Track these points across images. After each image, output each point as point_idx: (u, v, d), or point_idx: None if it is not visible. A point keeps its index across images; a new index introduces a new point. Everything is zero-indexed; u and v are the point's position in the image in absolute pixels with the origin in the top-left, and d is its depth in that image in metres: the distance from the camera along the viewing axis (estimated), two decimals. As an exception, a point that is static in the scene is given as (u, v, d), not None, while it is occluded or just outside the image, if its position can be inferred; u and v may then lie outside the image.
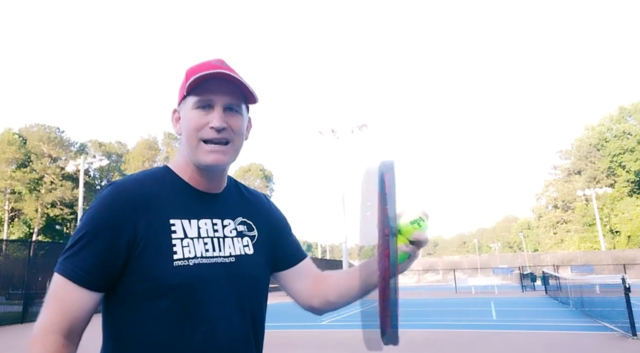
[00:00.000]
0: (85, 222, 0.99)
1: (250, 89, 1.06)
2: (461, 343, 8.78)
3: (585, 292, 13.55)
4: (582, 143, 58.22)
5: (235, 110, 1.07)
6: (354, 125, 26.58)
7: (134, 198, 1.01)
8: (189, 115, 1.06)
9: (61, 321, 0.95)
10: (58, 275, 0.97)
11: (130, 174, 1.10)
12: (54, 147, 48.51)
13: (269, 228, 1.22)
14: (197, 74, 1.02)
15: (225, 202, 1.14)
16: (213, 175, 1.11)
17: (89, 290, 0.96)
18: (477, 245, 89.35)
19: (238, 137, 1.08)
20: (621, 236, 51.54)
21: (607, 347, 7.83)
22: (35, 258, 17.90)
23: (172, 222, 1.02)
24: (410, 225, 0.96)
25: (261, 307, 1.14)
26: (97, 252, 0.96)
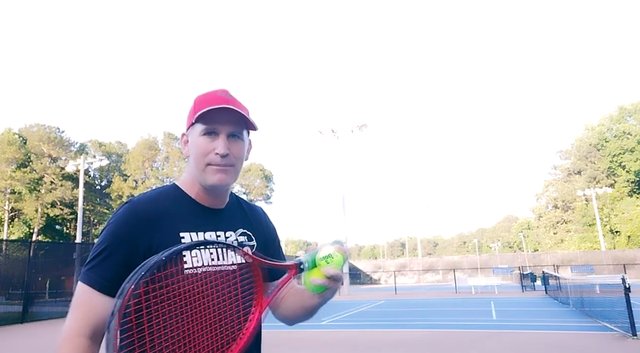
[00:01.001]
0: (106, 236, 1.13)
1: (250, 120, 1.22)
2: (461, 343, 8.78)
3: (585, 292, 13.55)
4: (582, 143, 58.22)
5: (238, 137, 1.22)
6: (354, 125, 26.58)
7: (149, 215, 1.16)
8: (197, 142, 1.21)
9: (86, 325, 1.07)
10: (82, 284, 1.10)
11: (144, 192, 1.26)
12: (54, 147, 48.49)
13: (265, 239, 1.38)
14: (205, 107, 1.17)
15: (227, 216, 1.29)
16: (217, 193, 1.26)
17: (111, 297, 1.03)
18: (477, 245, 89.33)
19: (239, 161, 1.24)
20: (621, 236, 51.55)
21: (607, 347, 7.83)
22: (35, 258, 17.89)
23: (182, 235, 1.17)
24: (321, 260, 1.09)
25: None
26: (117, 263, 1.10)
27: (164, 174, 59.79)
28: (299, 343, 9.36)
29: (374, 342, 9.06)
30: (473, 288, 27.32)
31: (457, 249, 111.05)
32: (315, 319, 7.91)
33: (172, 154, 59.73)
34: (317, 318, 12.61)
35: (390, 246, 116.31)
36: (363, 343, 9.03)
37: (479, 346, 8.46)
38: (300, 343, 9.38)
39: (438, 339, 9.33)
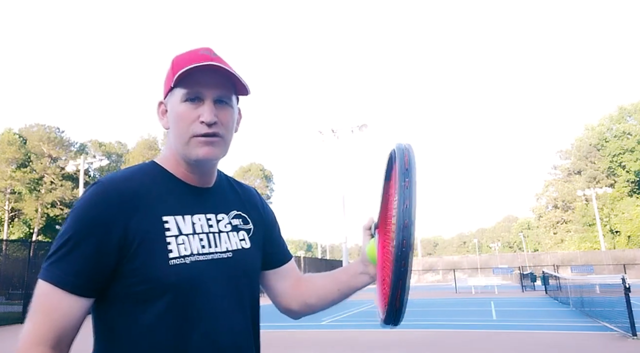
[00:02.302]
0: (71, 223, 0.92)
1: (241, 80, 1.02)
2: (461, 343, 8.78)
3: (585, 292, 13.54)
4: (582, 143, 58.21)
5: (226, 103, 1.03)
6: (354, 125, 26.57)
7: (123, 196, 0.95)
8: (177, 109, 1.01)
9: (48, 332, 0.89)
10: (43, 282, 0.90)
11: (116, 171, 1.04)
12: (54, 147, 48.49)
13: (262, 222, 1.20)
14: (186, 66, 0.97)
15: (217, 196, 1.11)
16: (204, 170, 1.07)
17: (78, 296, 0.90)
18: (477, 245, 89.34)
19: (228, 131, 1.04)
20: (621, 236, 51.54)
21: (607, 347, 7.83)
22: (35, 258, 17.88)
23: (165, 219, 0.98)
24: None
25: (258, 300, 1.12)
26: (85, 254, 0.90)
27: (164, 174, 59.78)
28: (299, 343, 9.36)
29: (374, 342, 9.05)
30: (473, 288, 27.31)
31: (457, 249, 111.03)
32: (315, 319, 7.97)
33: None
34: (317, 318, 12.60)
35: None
36: (363, 343, 9.03)
37: (479, 346, 8.46)
38: (300, 343, 9.38)
39: (438, 339, 9.32)
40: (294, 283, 1.25)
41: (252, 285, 1.10)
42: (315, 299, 1.21)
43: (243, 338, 1.04)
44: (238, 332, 1.03)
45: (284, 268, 1.25)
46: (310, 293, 1.22)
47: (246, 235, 1.12)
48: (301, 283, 1.25)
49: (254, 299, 1.10)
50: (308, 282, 1.25)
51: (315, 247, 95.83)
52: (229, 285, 1.02)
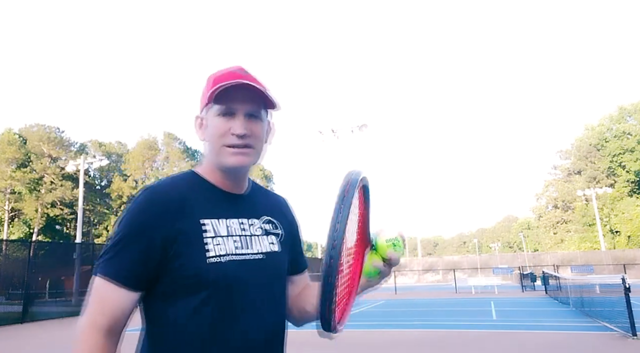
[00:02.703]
0: (123, 226, 1.06)
1: (270, 96, 1.14)
2: (461, 343, 8.78)
3: (585, 292, 13.55)
4: (582, 143, 58.23)
5: (256, 117, 1.14)
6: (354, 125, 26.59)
7: (168, 202, 1.08)
8: (212, 123, 1.13)
9: (102, 319, 1.02)
10: (98, 277, 1.04)
11: (161, 179, 1.18)
12: (54, 147, 48.50)
13: (290, 229, 1.30)
14: (220, 83, 1.09)
15: (249, 202, 1.22)
16: (237, 177, 1.18)
17: (128, 289, 1.03)
18: (477, 245, 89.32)
19: (259, 142, 1.16)
20: (621, 236, 51.56)
21: (607, 347, 7.83)
22: (35, 258, 17.87)
23: (203, 222, 1.09)
24: (385, 243, 1.04)
25: (286, 300, 1.24)
26: (135, 253, 1.03)
27: (164, 174, 59.74)
28: (299, 343, 9.36)
29: (374, 342, 9.06)
30: (473, 288, 27.30)
31: (457, 249, 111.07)
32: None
33: (172, 154, 59.74)
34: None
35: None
36: (363, 343, 9.03)
37: (479, 346, 8.46)
38: (300, 343, 9.38)
39: (438, 339, 9.33)
40: (301, 291, 1.32)
41: (282, 285, 1.21)
42: (311, 307, 1.25)
43: (275, 334, 1.15)
44: (271, 328, 1.13)
45: (297, 276, 1.34)
46: (308, 299, 1.27)
47: (276, 239, 1.22)
48: (305, 291, 1.32)
49: (283, 298, 1.21)
50: (310, 290, 1.31)
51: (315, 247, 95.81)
52: (262, 284, 1.12)
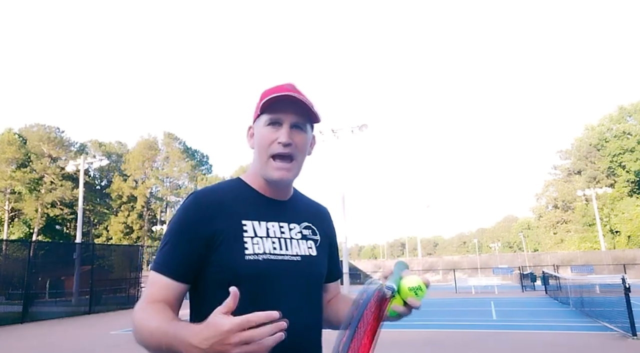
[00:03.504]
0: (172, 226, 1.19)
1: (314, 111, 1.22)
2: (461, 343, 8.79)
3: (585, 292, 13.55)
4: (582, 143, 58.22)
5: (301, 128, 1.22)
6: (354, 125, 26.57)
7: (211, 205, 1.19)
8: (261, 132, 1.22)
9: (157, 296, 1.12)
10: (151, 271, 1.17)
11: (208, 185, 1.28)
12: (54, 147, 48.53)
13: (328, 237, 1.37)
14: (270, 96, 1.18)
15: (291, 209, 1.30)
16: (280, 187, 1.27)
17: (175, 280, 1.13)
18: (477, 245, 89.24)
19: (301, 153, 1.24)
20: (621, 236, 51.54)
21: (607, 347, 7.83)
22: (35, 258, 17.88)
23: (244, 222, 1.18)
24: (409, 291, 1.06)
25: (322, 303, 1.29)
26: (181, 249, 1.15)
27: (164, 173, 59.78)
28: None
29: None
30: (473, 288, 27.30)
31: (457, 249, 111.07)
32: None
33: (172, 154, 59.74)
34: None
35: (390, 246, 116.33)
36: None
37: (479, 346, 8.46)
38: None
39: (438, 339, 9.33)
40: (331, 299, 1.39)
41: (318, 289, 1.26)
42: (335, 318, 1.33)
43: (312, 335, 1.20)
44: (308, 328, 1.18)
45: (331, 284, 1.40)
46: (335, 310, 1.35)
47: (313, 244, 1.28)
48: (334, 300, 1.39)
49: (319, 302, 1.26)
50: (338, 300, 1.39)
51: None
52: (298, 285, 1.18)
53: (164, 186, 60.16)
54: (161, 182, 60.06)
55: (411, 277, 1.08)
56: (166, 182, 60.50)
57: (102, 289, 20.91)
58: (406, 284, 1.06)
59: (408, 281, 1.07)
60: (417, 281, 1.07)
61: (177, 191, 60.59)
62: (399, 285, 1.06)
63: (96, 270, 20.89)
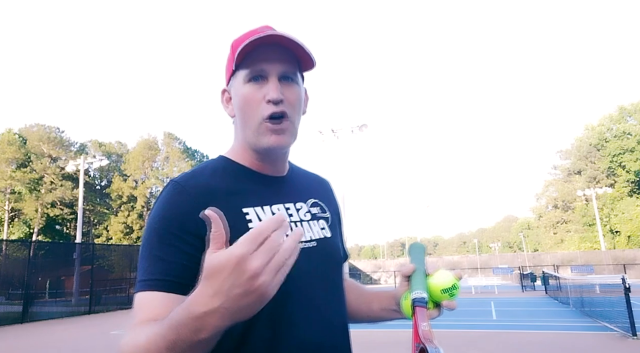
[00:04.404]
0: (151, 227, 0.89)
1: (307, 51, 0.94)
2: (461, 343, 8.78)
3: (585, 292, 13.55)
4: (582, 143, 58.20)
5: (291, 79, 0.96)
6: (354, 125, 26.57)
7: (197, 193, 0.90)
8: (241, 92, 0.95)
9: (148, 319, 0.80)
10: (136, 293, 0.85)
11: (187, 170, 0.99)
12: (54, 147, 48.54)
13: (336, 214, 1.16)
14: (244, 42, 0.90)
15: (292, 185, 1.07)
16: (275, 158, 1.02)
17: (170, 292, 0.83)
18: (477, 245, 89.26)
19: (296, 111, 0.97)
20: (621, 236, 51.53)
21: (607, 347, 7.83)
22: (35, 258, 17.89)
23: (245, 210, 0.93)
24: (442, 294, 0.90)
25: (344, 290, 1.08)
26: (171, 250, 0.85)
27: (164, 173, 59.78)
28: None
29: (373, 342, 9.05)
30: (473, 288, 27.30)
31: (457, 249, 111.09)
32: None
33: (172, 154, 59.76)
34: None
35: (390, 246, 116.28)
36: (363, 343, 9.02)
37: (479, 346, 8.46)
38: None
39: (438, 339, 9.31)
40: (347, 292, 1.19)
41: (339, 274, 1.06)
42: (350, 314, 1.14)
43: (340, 335, 1.00)
44: (335, 328, 0.98)
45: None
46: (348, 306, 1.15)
47: (325, 223, 1.08)
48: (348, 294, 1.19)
49: (343, 290, 1.06)
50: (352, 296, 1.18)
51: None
52: (319, 276, 0.98)
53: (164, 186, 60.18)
54: (161, 182, 60.06)
55: (441, 275, 0.92)
56: (166, 182, 60.53)
57: (102, 289, 20.92)
58: (437, 285, 0.90)
59: (439, 281, 0.91)
60: (449, 279, 0.91)
61: (177, 191, 60.50)
62: (429, 288, 0.90)
63: (96, 270, 20.91)
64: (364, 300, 1.14)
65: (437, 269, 0.93)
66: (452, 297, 0.90)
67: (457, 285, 0.91)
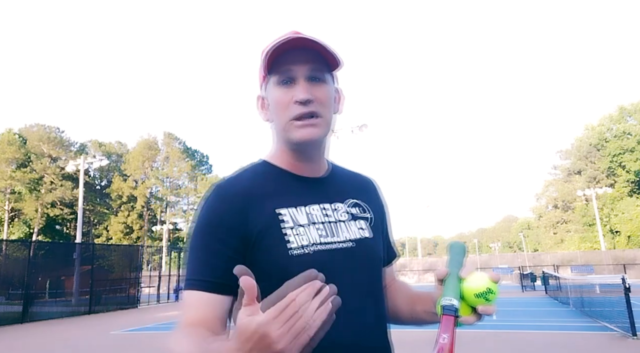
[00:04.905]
0: (197, 230, 0.97)
1: (331, 50, 0.97)
2: (461, 343, 8.72)
3: (585, 292, 13.55)
4: (582, 143, 58.21)
5: (319, 79, 1.00)
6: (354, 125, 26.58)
7: (236, 196, 0.97)
8: (272, 96, 1.01)
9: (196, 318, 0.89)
10: (185, 291, 0.94)
11: (229, 175, 1.06)
12: (54, 147, 48.54)
13: (380, 213, 1.15)
14: (270, 48, 0.96)
15: (331, 185, 1.08)
16: (311, 156, 1.05)
17: (213, 293, 0.91)
18: (477, 245, 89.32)
19: (326, 109, 1.01)
20: (621, 236, 51.54)
21: (607, 347, 7.83)
22: (35, 258, 17.90)
23: (279, 211, 0.97)
24: (477, 299, 0.85)
25: (384, 292, 1.08)
26: (214, 253, 0.93)
27: (164, 173, 59.79)
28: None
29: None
30: (473, 288, 27.28)
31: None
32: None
33: (172, 154, 59.75)
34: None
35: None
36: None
37: (478, 346, 8.46)
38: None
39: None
40: (387, 285, 1.17)
41: (378, 276, 1.05)
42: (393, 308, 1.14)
43: (377, 337, 0.99)
44: (371, 330, 0.98)
45: (387, 269, 1.18)
46: (389, 300, 1.14)
47: (365, 224, 1.07)
48: (389, 289, 1.18)
49: (382, 292, 1.06)
50: (393, 291, 1.17)
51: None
52: (356, 277, 0.98)
53: (164, 186, 60.15)
54: (161, 182, 60.08)
55: (476, 278, 0.86)
56: (166, 182, 60.52)
57: (102, 289, 20.91)
58: (472, 289, 0.85)
59: (473, 284, 0.85)
60: (485, 282, 0.85)
61: (177, 191, 60.61)
62: (462, 292, 0.86)
63: (96, 270, 20.91)
64: (409, 301, 1.12)
65: (471, 272, 0.88)
66: (488, 301, 0.85)
67: (492, 289, 0.85)
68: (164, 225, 55.13)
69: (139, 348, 9.51)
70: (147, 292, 27.64)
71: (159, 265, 46.74)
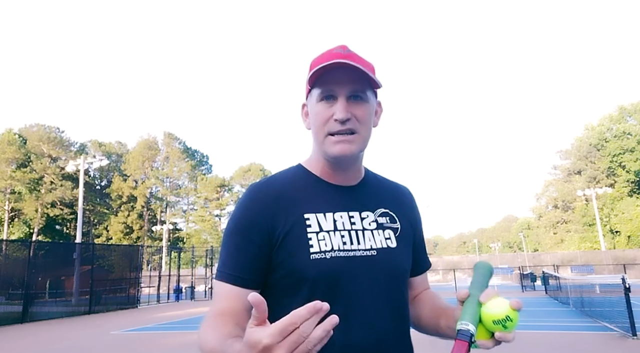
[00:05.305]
0: (229, 227, 1.05)
1: (369, 75, 1.02)
2: (461, 343, 8.77)
3: (585, 292, 13.55)
4: (582, 143, 58.23)
5: (360, 98, 1.04)
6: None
7: (268, 198, 1.04)
8: (314, 110, 1.06)
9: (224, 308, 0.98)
10: (218, 282, 1.03)
11: (266, 176, 1.15)
12: (54, 147, 48.55)
13: (412, 224, 1.17)
14: (318, 65, 1.00)
15: (363, 194, 1.12)
16: (345, 167, 1.09)
17: (241, 287, 0.99)
18: (477, 245, 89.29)
19: (364, 127, 1.05)
20: (621, 236, 51.55)
21: (607, 347, 7.83)
22: (35, 258, 17.90)
23: (306, 216, 1.03)
24: (494, 325, 0.83)
25: (406, 302, 1.10)
26: (244, 250, 1.01)
27: (164, 174, 59.82)
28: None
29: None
30: (473, 288, 27.29)
31: (457, 249, 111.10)
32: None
33: (172, 154, 59.79)
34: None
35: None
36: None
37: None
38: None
39: (438, 339, 9.31)
40: (418, 295, 1.21)
41: (398, 285, 1.07)
42: (415, 320, 1.18)
43: (391, 345, 1.01)
44: (381, 335, 1.00)
45: (416, 279, 1.21)
46: (415, 310, 1.18)
47: (392, 234, 1.10)
48: (417, 299, 1.20)
49: (402, 302, 1.07)
50: (421, 302, 1.19)
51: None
52: (373, 285, 1.01)
53: (164, 186, 60.20)
54: (161, 182, 60.10)
55: (495, 304, 0.84)
56: (166, 182, 60.55)
57: (102, 289, 20.92)
58: (490, 316, 0.83)
59: (492, 311, 0.83)
60: (504, 310, 0.82)
61: (177, 191, 60.64)
62: (481, 317, 0.84)
63: (96, 270, 20.94)
64: (434, 314, 1.12)
65: (491, 297, 0.86)
66: (506, 329, 0.82)
67: (512, 317, 0.82)
68: (164, 225, 55.15)
69: (139, 349, 9.51)
70: (147, 292, 27.66)
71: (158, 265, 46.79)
